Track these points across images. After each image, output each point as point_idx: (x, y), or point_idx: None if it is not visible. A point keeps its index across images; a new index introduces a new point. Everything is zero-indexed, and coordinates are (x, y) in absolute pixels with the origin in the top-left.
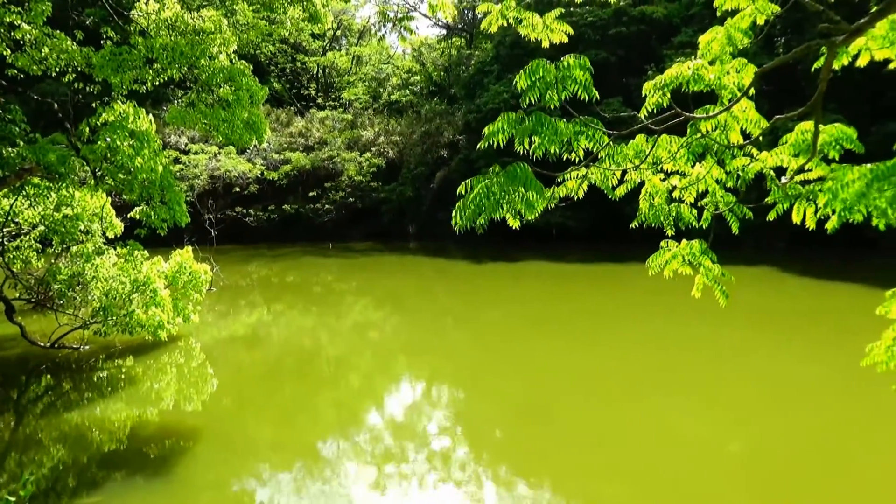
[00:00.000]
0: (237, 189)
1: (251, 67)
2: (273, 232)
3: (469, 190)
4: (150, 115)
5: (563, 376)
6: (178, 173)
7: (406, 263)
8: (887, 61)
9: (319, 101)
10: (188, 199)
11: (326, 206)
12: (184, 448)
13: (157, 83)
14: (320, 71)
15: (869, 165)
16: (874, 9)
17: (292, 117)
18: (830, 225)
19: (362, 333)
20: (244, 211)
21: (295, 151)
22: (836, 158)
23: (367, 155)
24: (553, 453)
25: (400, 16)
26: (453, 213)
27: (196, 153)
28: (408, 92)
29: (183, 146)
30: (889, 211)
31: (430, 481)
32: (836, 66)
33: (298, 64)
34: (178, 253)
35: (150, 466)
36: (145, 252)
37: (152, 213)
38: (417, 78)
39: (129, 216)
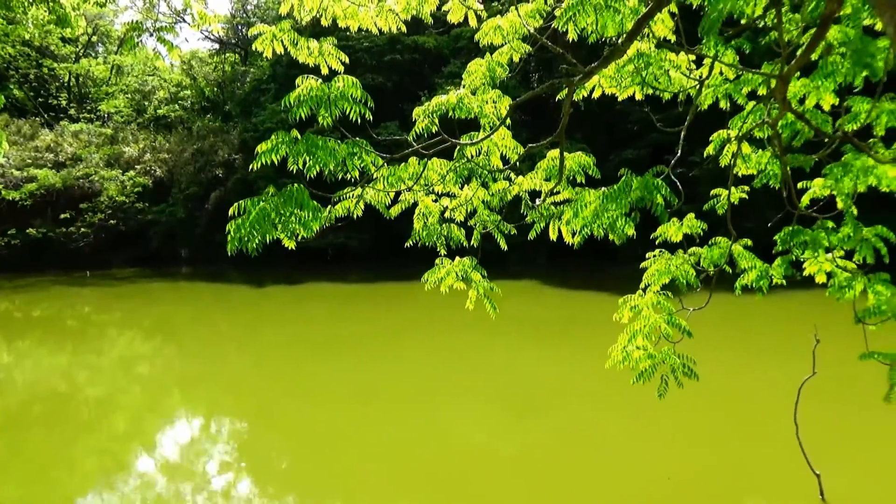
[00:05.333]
0: None
1: None
2: (15, 260)
3: (242, 212)
4: None
5: (350, 394)
6: None
7: (179, 290)
8: (625, 99)
9: (72, 112)
10: None
11: (82, 229)
12: None
13: None
14: (73, 79)
15: (603, 189)
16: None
17: (38, 129)
18: (576, 240)
19: (129, 369)
20: None
21: (42, 168)
22: (583, 182)
23: (131, 173)
24: (343, 473)
25: (159, 25)
26: (229, 232)
27: None
28: (177, 107)
29: None
30: (618, 227)
31: None
32: (577, 98)
33: (45, 70)
34: None
35: None
36: None
37: None
38: (188, 92)
39: None
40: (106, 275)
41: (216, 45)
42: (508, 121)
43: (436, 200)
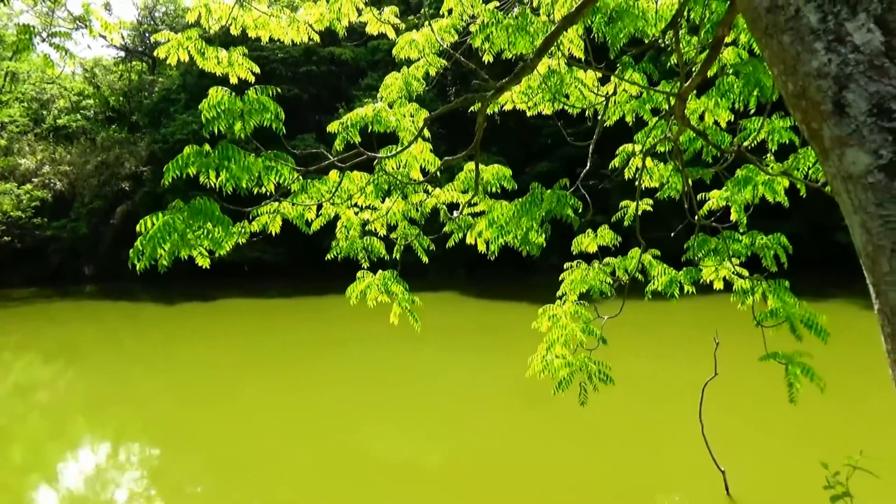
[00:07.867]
0: None
1: None
2: None
3: (149, 226)
4: None
5: (270, 412)
6: None
7: (83, 310)
8: (538, 113)
9: None
10: None
11: None
12: None
13: None
14: None
15: (516, 200)
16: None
17: None
18: (493, 248)
19: (26, 396)
20: None
21: None
22: (499, 193)
23: (28, 186)
24: (263, 496)
25: (54, 31)
26: (131, 254)
27: None
28: (79, 116)
29: None
30: (531, 239)
31: None
32: (491, 112)
33: None
34: None
35: None
36: None
37: None
38: (91, 101)
39: None
40: (1, 295)
41: (122, 53)
42: (427, 133)
43: (357, 213)
